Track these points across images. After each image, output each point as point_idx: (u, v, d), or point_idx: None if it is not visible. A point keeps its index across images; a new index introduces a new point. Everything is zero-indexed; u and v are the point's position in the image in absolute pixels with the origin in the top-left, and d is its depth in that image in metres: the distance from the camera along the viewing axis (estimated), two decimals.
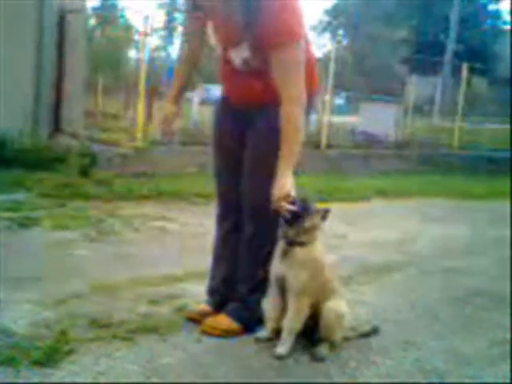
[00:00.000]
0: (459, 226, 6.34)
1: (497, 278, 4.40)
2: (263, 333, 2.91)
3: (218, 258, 3.18)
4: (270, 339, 2.88)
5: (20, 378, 2.41)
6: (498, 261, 4.92)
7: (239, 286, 3.03)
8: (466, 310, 3.67)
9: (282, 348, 2.77)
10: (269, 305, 2.93)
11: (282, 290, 2.82)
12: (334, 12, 39.66)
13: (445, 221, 6.64)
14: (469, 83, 13.90)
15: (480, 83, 21.11)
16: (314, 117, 9.85)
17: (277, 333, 2.86)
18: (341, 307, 2.89)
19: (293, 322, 2.79)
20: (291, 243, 2.77)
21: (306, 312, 2.80)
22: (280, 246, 2.81)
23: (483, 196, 8.72)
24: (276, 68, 2.69)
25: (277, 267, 2.82)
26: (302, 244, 2.78)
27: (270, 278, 2.86)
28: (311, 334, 2.87)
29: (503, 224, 6.47)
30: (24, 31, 7.62)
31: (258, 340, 2.89)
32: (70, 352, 2.64)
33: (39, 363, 2.52)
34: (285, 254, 2.79)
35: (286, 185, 2.67)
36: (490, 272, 4.57)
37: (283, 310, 2.83)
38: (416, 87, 18.55)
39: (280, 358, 2.73)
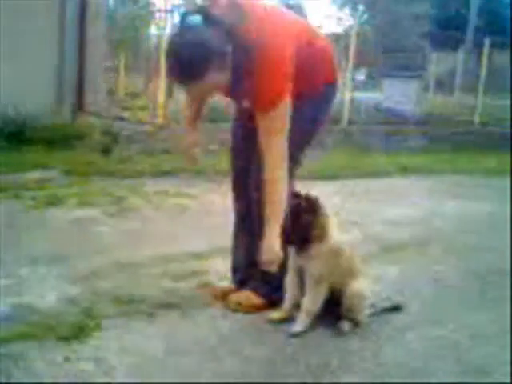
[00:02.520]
0: (482, 203, 6.27)
1: None
2: (275, 314, 2.88)
3: (237, 236, 3.18)
4: (283, 319, 2.85)
5: (45, 352, 2.44)
6: None
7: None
8: (488, 288, 3.63)
9: (297, 326, 2.76)
10: (287, 283, 2.90)
11: (300, 276, 2.83)
12: None
13: (468, 198, 6.57)
14: (491, 58, 13.65)
15: (503, 58, 20.72)
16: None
17: (295, 309, 2.85)
18: (364, 288, 2.88)
19: (311, 304, 2.78)
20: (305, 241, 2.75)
21: (324, 296, 2.79)
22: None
23: (506, 173, 8.60)
24: (260, 131, 2.66)
25: (293, 259, 2.82)
26: (315, 240, 2.75)
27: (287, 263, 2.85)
28: (334, 312, 2.86)
29: None
30: (46, 10, 7.64)
31: (271, 320, 2.86)
32: (95, 328, 2.69)
33: (64, 338, 2.56)
34: (300, 249, 2.78)
35: (274, 247, 2.64)
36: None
37: (302, 288, 2.83)
38: (437, 62, 18.27)
39: (295, 336, 2.72)
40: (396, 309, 3.12)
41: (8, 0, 7.37)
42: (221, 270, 3.43)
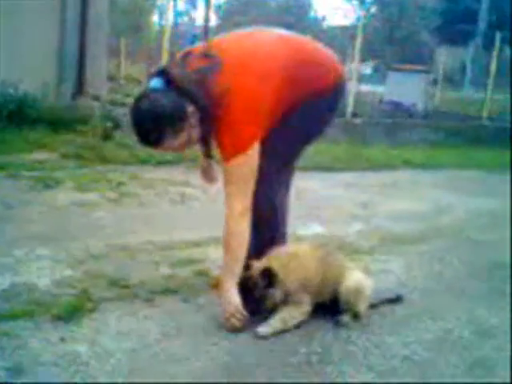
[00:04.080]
0: (486, 198, 6.22)
1: None
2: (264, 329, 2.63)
3: None
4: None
5: (41, 331, 2.42)
6: None
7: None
8: (491, 283, 3.58)
9: (266, 329, 2.60)
10: None
11: None
12: None
13: (472, 193, 6.51)
14: (501, 53, 13.56)
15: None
16: None
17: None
18: (360, 281, 2.84)
19: (289, 314, 2.66)
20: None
21: (306, 309, 2.71)
22: None
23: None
24: (224, 178, 2.65)
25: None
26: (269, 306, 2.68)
27: None
28: (334, 307, 2.81)
29: None
30: None
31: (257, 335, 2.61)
32: (92, 310, 2.66)
33: (60, 319, 2.53)
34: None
35: (233, 299, 2.60)
36: None
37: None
38: (446, 57, 18.19)
39: (261, 338, 2.56)
40: (397, 300, 3.08)
41: None
42: (219, 259, 3.38)
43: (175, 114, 2.48)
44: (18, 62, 6.99)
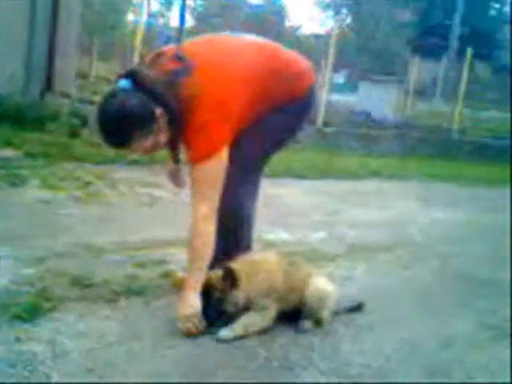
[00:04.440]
0: (453, 210, 6.30)
1: (488, 264, 4.32)
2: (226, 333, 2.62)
3: None
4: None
5: None
6: (491, 247, 4.85)
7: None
8: (455, 294, 3.63)
9: (228, 332, 2.58)
10: None
11: None
12: None
13: (439, 204, 6.60)
14: (472, 69, 13.77)
15: (484, 69, 20.97)
16: None
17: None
18: (324, 287, 2.84)
19: (252, 319, 2.64)
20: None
21: (270, 315, 2.69)
22: None
23: (479, 181, 8.69)
24: (192, 180, 2.64)
25: None
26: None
27: None
28: (297, 315, 2.81)
29: (498, 210, 6.45)
30: None
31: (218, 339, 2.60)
32: (52, 309, 2.62)
33: (19, 318, 2.49)
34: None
35: (193, 302, 2.58)
36: (482, 258, 4.50)
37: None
38: (418, 70, 18.39)
39: (221, 341, 2.54)
40: (359, 308, 3.08)
41: None
42: (184, 260, 3.36)
43: (142, 115, 2.46)
44: None
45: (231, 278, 2.60)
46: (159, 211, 4.69)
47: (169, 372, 2.28)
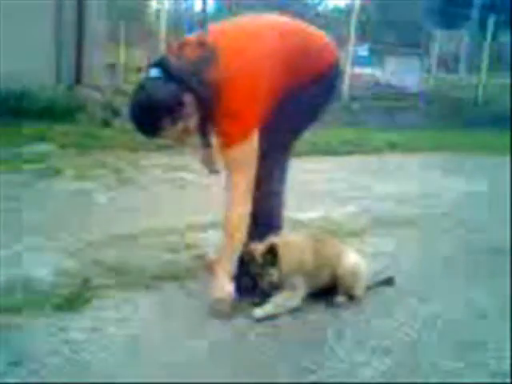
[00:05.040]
0: (477, 181, 6.28)
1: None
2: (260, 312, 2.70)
3: None
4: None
5: (41, 322, 2.46)
6: None
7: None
8: (482, 266, 3.64)
9: (261, 312, 2.65)
10: None
11: None
12: None
13: (464, 176, 6.58)
14: (495, 37, 13.54)
15: (508, 38, 20.52)
16: None
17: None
18: (357, 264, 2.90)
19: (284, 300, 2.72)
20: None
21: (301, 293, 2.77)
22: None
23: (504, 151, 8.58)
24: (225, 165, 2.70)
25: None
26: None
27: None
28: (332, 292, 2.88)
29: None
30: None
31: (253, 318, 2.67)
32: (91, 299, 2.71)
33: (60, 308, 2.58)
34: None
35: (225, 287, 2.65)
36: (504, 228, 4.46)
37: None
38: (441, 40, 18.12)
39: (256, 320, 2.62)
40: (389, 282, 3.14)
41: None
42: (217, 243, 3.44)
43: (173, 103, 2.52)
44: (16, 54, 6.95)
45: (273, 255, 2.66)
46: (190, 195, 4.77)
47: (208, 352, 2.35)
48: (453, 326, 2.76)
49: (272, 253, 2.66)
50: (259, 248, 2.68)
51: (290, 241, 2.82)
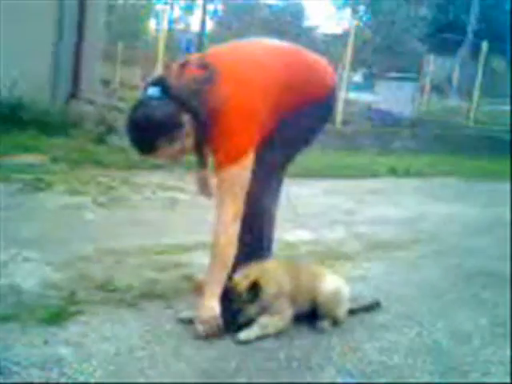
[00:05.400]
0: (469, 206, 6.32)
1: (502, 259, 4.33)
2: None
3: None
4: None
5: (25, 334, 2.45)
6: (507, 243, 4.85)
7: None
8: (470, 289, 3.66)
9: (246, 334, 2.64)
10: None
11: None
12: None
13: (455, 201, 6.61)
14: (488, 63, 13.68)
15: (500, 65, 20.76)
16: None
17: None
18: (336, 286, 2.90)
19: (270, 321, 2.70)
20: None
21: (287, 315, 2.76)
22: None
23: (495, 177, 8.64)
24: (217, 185, 2.71)
25: None
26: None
27: None
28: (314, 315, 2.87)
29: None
30: None
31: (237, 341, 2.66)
32: (77, 314, 2.69)
33: (45, 322, 2.57)
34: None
35: (213, 309, 2.64)
36: (495, 252, 4.51)
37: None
38: (434, 66, 18.31)
39: (241, 343, 2.61)
40: (374, 306, 3.14)
41: None
42: (205, 263, 3.43)
43: (171, 123, 2.53)
44: (13, 65, 7.00)
45: (255, 292, 2.65)
46: (181, 215, 4.76)
47: (191, 375, 2.33)
48: (437, 351, 2.76)
49: (254, 289, 2.66)
50: (243, 283, 2.67)
51: (269, 267, 2.81)
